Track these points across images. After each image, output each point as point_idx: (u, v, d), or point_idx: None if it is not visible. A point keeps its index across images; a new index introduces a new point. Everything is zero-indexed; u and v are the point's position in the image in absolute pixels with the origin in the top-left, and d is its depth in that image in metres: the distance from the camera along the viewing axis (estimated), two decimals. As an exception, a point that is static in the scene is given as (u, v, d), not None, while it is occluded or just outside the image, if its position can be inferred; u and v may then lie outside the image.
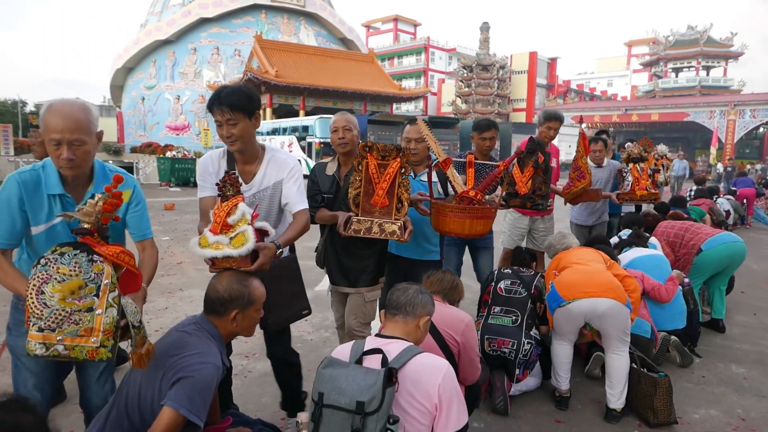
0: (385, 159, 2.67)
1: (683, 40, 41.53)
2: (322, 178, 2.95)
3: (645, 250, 4.00)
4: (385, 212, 2.65)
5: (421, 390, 1.74)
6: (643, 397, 2.95)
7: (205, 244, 2.00)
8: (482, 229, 2.79)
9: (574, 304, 2.89)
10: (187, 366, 1.71)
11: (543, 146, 3.33)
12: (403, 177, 2.67)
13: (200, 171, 2.49)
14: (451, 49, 54.30)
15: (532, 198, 3.19)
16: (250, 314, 1.95)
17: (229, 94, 2.25)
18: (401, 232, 2.57)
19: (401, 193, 2.66)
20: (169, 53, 39.01)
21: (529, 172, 3.23)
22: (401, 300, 1.96)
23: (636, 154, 4.49)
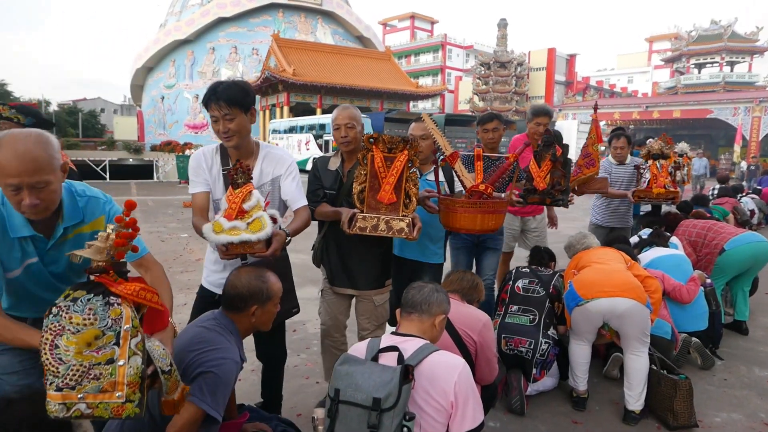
0: (391, 152, 2.53)
1: (706, 35, 40.66)
2: (325, 174, 2.84)
3: (665, 249, 3.94)
4: (392, 208, 2.51)
5: (437, 388, 1.74)
6: (663, 399, 2.90)
7: (220, 230, 2.00)
8: (494, 224, 2.70)
9: (592, 303, 2.85)
10: (208, 361, 1.73)
11: (560, 138, 3.17)
12: (411, 171, 2.55)
13: (193, 166, 2.42)
14: (468, 46, 53.98)
15: (551, 193, 3.10)
16: (268, 309, 1.98)
17: (225, 89, 2.20)
18: (410, 229, 2.44)
19: (409, 188, 2.53)
20: (188, 53, 39.50)
21: (547, 166, 3.13)
22: (417, 298, 1.96)
23: (656, 150, 4.31)
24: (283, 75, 31.53)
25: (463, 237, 3.57)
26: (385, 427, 1.63)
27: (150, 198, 13.74)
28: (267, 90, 34.82)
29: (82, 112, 44.84)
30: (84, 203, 1.77)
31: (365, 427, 1.65)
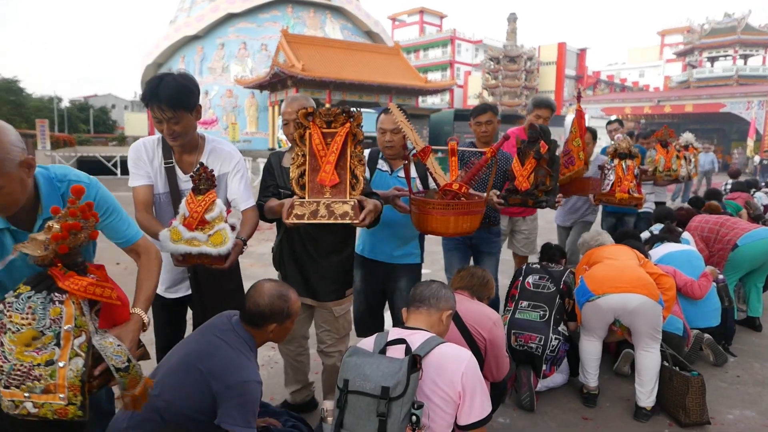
0: (331, 126, 2.24)
1: (719, 28, 40.11)
2: (279, 170, 2.63)
3: (677, 245, 3.89)
4: (338, 191, 2.21)
5: (444, 378, 1.75)
6: (675, 396, 2.88)
7: (178, 238, 1.92)
8: (469, 227, 2.46)
9: (603, 298, 2.83)
10: (234, 386, 1.80)
11: (547, 133, 2.92)
12: (357, 145, 2.25)
13: (133, 158, 2.24)
14: (477, 41, 53.66)
15: (534, 194, 2.88)
16: (286, 326, 2.03)
17: (167, 90, 2.01)
18: (355, 212, 2.13)
19: (354, 165, 2.22)
20: (198, 48, 39.62)
21: (531, 165, 2.92)
22: (425, 293, 1.98)
23: (624, 149, 3.88)
24: (292, 70, 31.50)
25: (455, 238, 3.39)
26: (394, 415, 1.64)
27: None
28: (276, 85, 34.84)
29: (93, 108, 45.15)
30: (65, 189, 1.63)
31: (374, 415, 1.66)
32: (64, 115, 43.07)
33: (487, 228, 3.37)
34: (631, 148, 3.85)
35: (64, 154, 21.08)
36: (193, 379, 1.81)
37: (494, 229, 3.53)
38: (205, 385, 1.79)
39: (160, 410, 1.80)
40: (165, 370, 1.90)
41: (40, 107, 40.73)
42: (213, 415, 1.81)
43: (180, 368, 1.86)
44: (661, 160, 4.41)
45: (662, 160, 4.42)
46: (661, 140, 4.39)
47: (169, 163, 2.24)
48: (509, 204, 2.98)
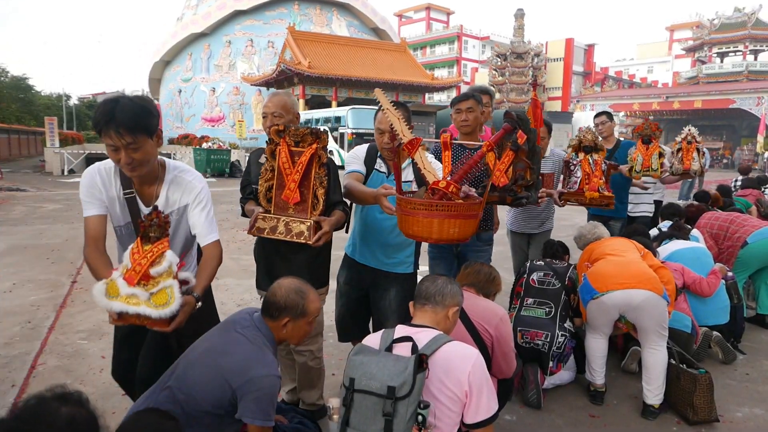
0: (299, 145, 2.28)
1: (729, 23, 39.71)
2: (256, 168, 2.60)
3: (685, 242, 3.86)
4: (301, 209, 2.29)
5: (451, 377, 1.75)
6: (683, 394, 2.86)
7: (115, 294, 1.69)
8: (458, 233, 2.07)
9: (608, 295, 2.81)
10: (253, 380, 1.80)
11: (526, 123, 2.65)
12: (321, 167, 2.29)
13: (86, 184, 2.02)
14: (484, 37, 53.44)
15: (512, 190, 2.59)
16: (300, 325, 2.00)
17: (126, 113, 1.78)
18: (309, 233, 2.22)
19: (316, 186, 2.28)
20: (205, 46, 39.73)
21: (508, 157, 2.63)
22: (430, 290, 1.96)
23: (589, 141, 3.52)
24: (299, 68, 31.55)
25: (441, 246, 3.15)
26: (400, 415, 1.64)
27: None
28: (283, 83, 34.90)
29: (101, 106, 45.25)
30: None
31: (380, 415, 1.66)
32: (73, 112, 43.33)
33: (476, 234, 3.03)
34: (596, 141, 3.57)
35: (72, 151, 21.21)
36: (213, 374, 1.82)
37: (484, 235, 3.23)
38: (225, 380, 1.81)
39: (181, 403, 1.83)
40: (185, 363, 1.92)
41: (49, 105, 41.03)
42: (231, 410, 1.83)
43: (200, 362, 1.88)
44: (639, 158, 3.95)
45: (640, 158, 3.95)
46: (643, 135, 3.96)
47: (129, 193, 2.03)
48: (487, 202, 2.71)
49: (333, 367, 3.48)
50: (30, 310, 4.51)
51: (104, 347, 3.65)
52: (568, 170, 3.68)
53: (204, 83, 39.51)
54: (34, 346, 3.73)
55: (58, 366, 3.44)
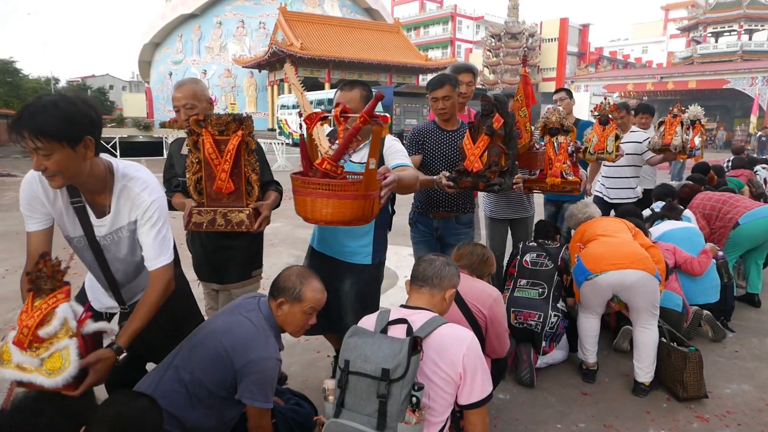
0: (223, 134, 2.22)
1: (724, 2, 39.43)
2: (178, 159, 2.55)
3: (677, 223, 3.89)
4: (234, 198, 2.26)
5: (445, 359, 1.76)
6: (673, 371, 2.91)
7: (7, 359, 1.48)
8: (334, 215, 1.89)
9: (601, 276, 2.84)
10: (255, 361, 1.85)
11: (504, 105, 2.55)
12: (250, 153, 2.25)
13: (27, 196, 1.76)
14: (478, 17, 52.90)
15: (485, 176, 2.55)
16: (295, 310, 2.00)
17: (35, 115, 1.52)
18: (251, 221, 2.23)
19: (248, 173, 2.25)
20: (195, 27, 39.13)
21: (483, 142, 2.57)
22: (428, 272, 1.96)
23: (554, 122, 3.32)
24: (291, 49, 31.16)
25: (421, 229, 3.16)
26: (394, 396, 1.66)
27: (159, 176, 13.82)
28: (275, 64, 34.50)
29: (90, 89, 44.75)
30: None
31: (375, 397, 1.68)
32: (62, 96, 42.51)
33: (455, 216, 3.10)
34: (563, 122, 3.37)
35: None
36: (216, 355, 1.87)
37: (463, 218, 3.13)
38: (228, 361, 1.85)
39: (186, 383, 1.87)
40: (191, 344, 1.97)
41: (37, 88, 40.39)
42: (233, 392, 1.88)
43: (205, 342, 1.92)
44: (594, 139, 3.70)
45: (595, 139, 3.70)
46: (600, 116, 3.74)
47: (77, 201, 1.78)
48: (460, 187, 2.66)
49: (328, 349, 3.51)
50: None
51: (100, 331, 3.65)
52: None
53: (195, 65, 38.99)
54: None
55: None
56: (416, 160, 3.00)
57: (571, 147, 3.45)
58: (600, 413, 2.78)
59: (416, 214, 3.20)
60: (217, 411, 1.92)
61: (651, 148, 4.33)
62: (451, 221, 3.10)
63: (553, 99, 4.52)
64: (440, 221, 3.09)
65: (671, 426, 2.66)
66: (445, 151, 3.05)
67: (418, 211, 3.19)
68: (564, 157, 3.37)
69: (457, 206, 3.09)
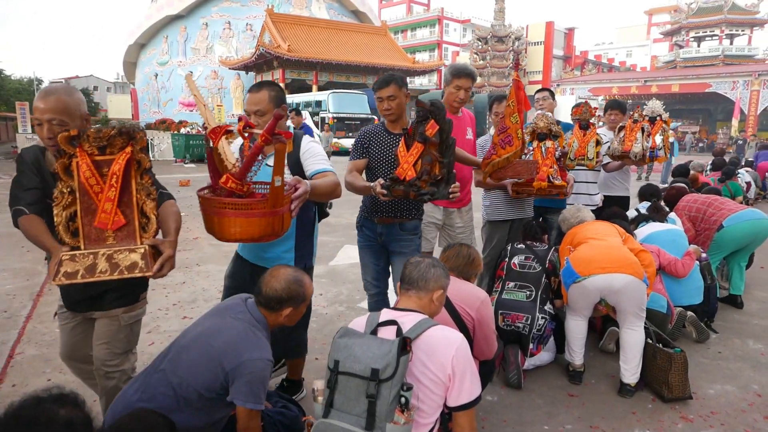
0: (105, 152, 1.76)
1: (706, 7, 40.19)
2: (35, 179, 1.93)
3: (662, 225, 3.93)
4: (125, 235, 1.79)
5: (434, 361, 1.77)
6: (658, 372, 2.94)
7: None
8: (243, 233, 1.88)
9: (589, 280, 2.86)
10: (246, 363, 1.83)
11: (439, 111, 2.43)
12: (144, 174, 1.83)
13: None
14: (465, 20, 53.19)
15: (415, 185, 2.43)
16: (300, 310, 2.06)
17: None
18: (146, 262, 1.75)
19: (142, 200, 1.81)
20: (181, 28, 38.88)
21: (417, 150, 2.46)
22: (413, 275, 1.97)
23: (542, 128, 3.31)
24: (278, 51, 31.11)
25: (366, 233, 3.04)
26: (383, 396, 1.66)
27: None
28: (262, 66, 34.40)
29: (74, 90, 44.12)
30: None
31: (364, 397, 1.68)
32: (45, 97, 41.87)
33: (399, 222, 2.94)
34: (551, 127, 3.38)
35: (45, 137, 20.67)
36: (206, 357, 1.85)
37: (408, 224, 2.97)
38: (217, 363, 1.83)
39: (173, 386, 1.85)
40: (179, 347, 1.94)
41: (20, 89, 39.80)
42: (223, 394, 1.86)
43: (194, 345, 1.90)
44: (575, 144, 3.65)
45: (575, 144, 3.65)
46: (581, 120, 3.64)
47: None
48: (393, 196, 2.52)
49: (316, 351, 3.50)
50: (6, 299, 4.42)
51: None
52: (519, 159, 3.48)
53: (181, 67, 38.72)
54: (11, 336, 3.67)
55: (36, 355, 3.39)
56: (360, 164, 2.92)
57: (559, 151, 3.51)
58: (586, 414, 2.80)
59: (362, 217, 3.08)
60: (206, 413, 1.91)
61: (609, 154, 4.20)
62: (395, 227, 2.95)
63: (535, 98, 4.43)
64: (384, 227, 2.96)
65: (656, 427, 2.69)
66: (390, 155, 2.87)
67: (363, 215, 3.07)
68: (551, 161, 3.45)
69: (401, 212, 2.91)
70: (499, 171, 3.27)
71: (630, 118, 4.21)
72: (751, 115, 30.94)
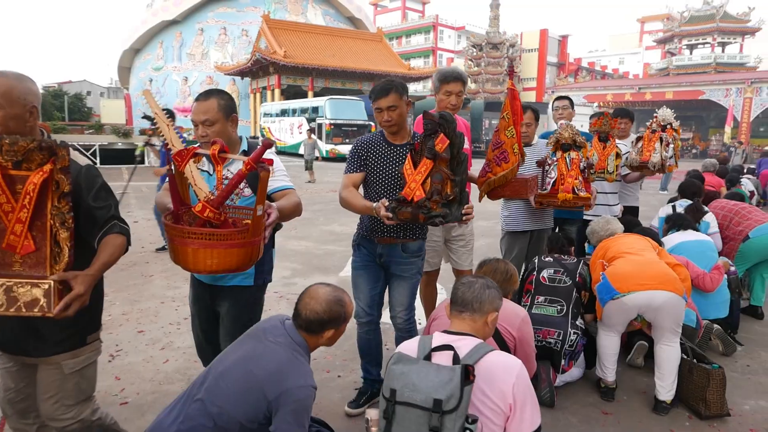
0: (21, 167, 1.53)
1: (699, 15, 40.58)
2: None
3: (691, 234, 3.83)
4: (33, 263, 1.55)
5: (494, 389, 1.69)
6: (695, 389, 2.88)
7: None
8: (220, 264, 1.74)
9: (629, 297, 2.79)
10: (290, 391, 1.75)
11: (449, 124, 2.22)
12: (62, 198, 1.56)
13: None
14: (460, 27, 53.43)
15: (425, 206, 2.19)
16: (341, 330, 1.98)
17: None
18: (49, 300, 1.49)
19: (56, 228, 1.55)
20: (176, 34, 38.76)
21: (426, 167, 2.20)
22: (467, 296, 1.88)
23: (567, 138, 3.29)
24: (274, 57, 31.05)
25: (364, 253, 2.80)
26: (447, 429, 1.58)
27: (144, 184, 13.52)
28: (257, 72, 34.34)
29: (67, 95, 43.81)
30: None
31: (426, 429, 1.60)
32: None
33: (401, 243, 2.71)
34: (576, 137, 3.34)
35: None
36: (247, 385, 1.76)
37: (411, 245, 2.73)
38: (260, 392, 1.75)
39: (213, 416, 1.76)
40: (216, 374, 1.84)
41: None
42: (265, 423, 1.78)
43: (233, 373, 1.81)
44: (594, 156, 3.62)
45: (595, 157, 3.62)
46: (600, 132, 3.61)
47: None
48: (399, 219, 2.27)
49: (338, 368, 3.41)
50: None
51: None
52: (543, 170, 3.50)
53: (176, 72, 38.58)
54: None
55: None
56: (357, 178, 2.67)
57: (584, 163, 3.45)
58: (624, 433, 2.73)
59: (360, 236, 2.82)
60: None
61: (628, 165, 4.15)
62: (397, 248, 2.72)
63: (553, 107, 4.32)
64: (385, 247, 2.72)
65: (697, 446, 2.63)
66: (390, 168, 2.64)
67: (362, 234, 2.80)
68: (576, 172, 3.39)
69: (405, 232, 2.68)
70: (496, 190, 3.11)
71: (648, 129, 4.16)
72: (744, 122, 31.21)
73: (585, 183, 3.43)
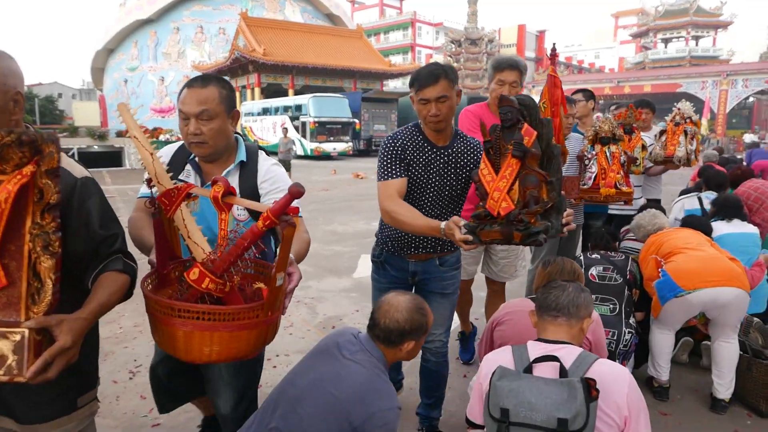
0: None
1: (673, 9, 41.37)
2: None
3: (735, 225, 3.69)
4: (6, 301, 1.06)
5: (608, 401, 1.55)
6: (755, 386, 2.80)
7: None
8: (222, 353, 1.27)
9: (695, 294, 2.68)
10: (377, 414, 1.60)
11: (531, 110, 1.72)
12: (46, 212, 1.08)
13: None
14: (438, 23, 53.51)
15: (520, 220, 1.61)
16: (420, 342, 1.82)
17: None
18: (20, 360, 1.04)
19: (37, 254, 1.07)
20: (151, 33, 37.92)
21: (512, 168, 1.66)
22: (561, 300, 1.74)
23: (606, 132, 3.25)
24: (254, 55, 30.55)
25: (391, 273, 2.40)
26: None
27: (128, 187, 13.12)
28: (237, 71, 33.76)
29: (38, 97, 42.53)
30: None
31: None
32: (7, 105, 40.20)
33: (438, 256, 2.35)
34: (615, 131, 3.27)
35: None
36: (329, 410, 1.59)
37: (450, 258, 2.38)
38: (344, 417, 1.57)
39: None
40: (290, 399, 1.66)
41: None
42: None
43: (310, 396, 1.63)
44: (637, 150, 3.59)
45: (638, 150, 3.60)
46: (624, 125, 3.49)
47: None
48: (482, 241, 1.70)
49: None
50: None
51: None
52: (582, 165, 3.39)
53: (152, 72, 37.76)
54: None
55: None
56: (401, 185, 2.13)
57: (623, 157, 3.36)
58: (689, 435, 2.63)
59: (385, 252, 2.39)
60: None
61: (652, 159, 4.06)
62: (433, 263, 2.34)
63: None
64: (418, 263, 2.33)
65: (766, 445, 2.54)
66: (434, 180, 2.19)
67: (388, 250, 2.37)
68: (617, 167, 3.30)
69: (442, 245, 2.29)
70: None
71: (670, 122, 4.08)
72: (720, 113, 31.90)
73: (625, 178, 3.36)
